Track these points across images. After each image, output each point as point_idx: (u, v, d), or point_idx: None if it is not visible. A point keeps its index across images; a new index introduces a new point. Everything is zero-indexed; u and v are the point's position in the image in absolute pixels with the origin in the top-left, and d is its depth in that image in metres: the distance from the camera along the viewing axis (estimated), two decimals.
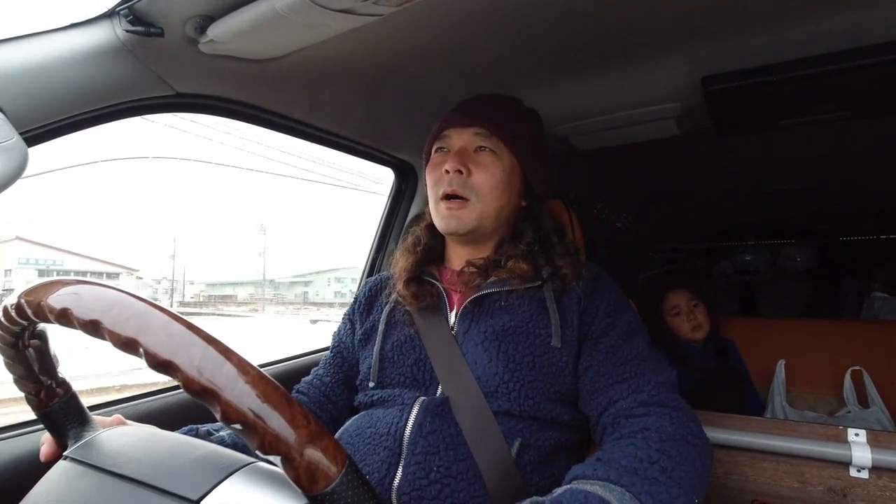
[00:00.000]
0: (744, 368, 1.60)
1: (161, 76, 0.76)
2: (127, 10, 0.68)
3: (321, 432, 0.33)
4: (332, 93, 1.01)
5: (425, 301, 0.80)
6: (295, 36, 0.75)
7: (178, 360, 0.33)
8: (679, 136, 1.32)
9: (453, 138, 0.83)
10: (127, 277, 15.64)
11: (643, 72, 1.06)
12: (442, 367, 0.74)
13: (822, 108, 1.14)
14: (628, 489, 0.53)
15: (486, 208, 0.80)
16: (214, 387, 0.32)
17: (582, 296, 0.76)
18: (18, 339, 0.44)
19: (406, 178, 1.39)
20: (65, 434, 0.50)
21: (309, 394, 0.88)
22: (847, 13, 0.84)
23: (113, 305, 0.35)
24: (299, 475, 0.32)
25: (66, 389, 0.50)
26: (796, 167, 1.88)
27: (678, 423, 0.64)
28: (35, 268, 14.69)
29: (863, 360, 1.52)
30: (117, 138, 16.44)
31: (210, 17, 0.72)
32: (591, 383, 0.72)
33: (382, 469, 0.67)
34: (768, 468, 0.90)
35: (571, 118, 1.29)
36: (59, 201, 42.86)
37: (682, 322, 1.59)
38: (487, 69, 1.03)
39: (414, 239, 0.89)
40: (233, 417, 0.32)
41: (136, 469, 0.39)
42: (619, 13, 0.84)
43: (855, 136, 1.52)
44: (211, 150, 11.95)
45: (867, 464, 0.82)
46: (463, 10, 0.81)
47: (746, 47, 0.94)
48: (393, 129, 1.21)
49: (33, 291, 0.39)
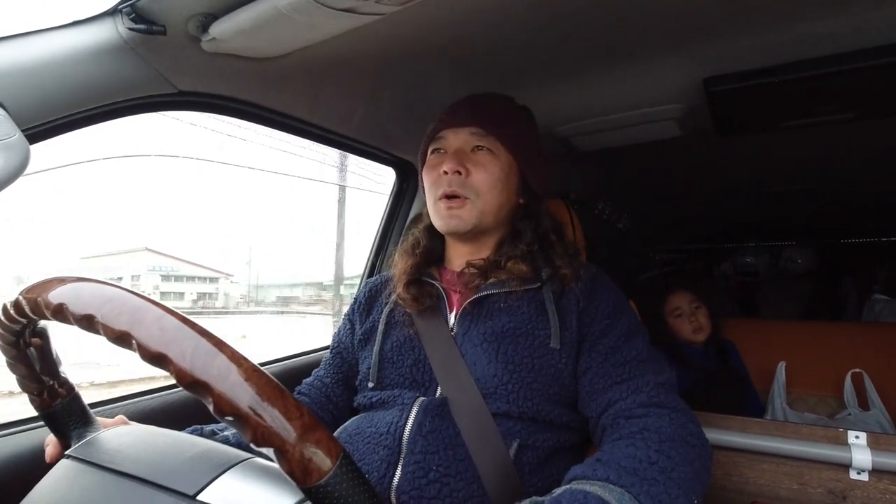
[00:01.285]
0: (744, 370, 1.60)
1: (163, 74, 0.76)
2: (129, 8, 0.68)
3: (315, 424, 0.33)
4: (334, 91, 1.01)
5: (425, 304, 0.80)
6: (297, 35, 0.75)
7: (170, 352, 0.33)
8: (680, 137, 1.31)
9: (449, 139, 0.83)
10: (224, 281, 17.91)
11: (645, 73, 1.05)
12: (441, 368, 0.74)
13: (825, 110, 1.14)
14: (628, 490, 0.53)
15: (486, 206, 0.80)
16: (206, 379, 0.32)
17: (581, 297, 0.76)
18: (19, 338, 0.44)
19: (407, 178, 1.39)
20: (68, 434, 0.50)
21: (310, 395, 0.88)
22: (850, 15, 0.83)
23: (107, 301, 0.35)
24: (293, 467, 0.32)
25: (68, 389, 0.50)
26: (797, 168, 1.88)
27: (677, 424, 0.64)
28: (159, 273, 17.14)
29: (863, 363, 1.52)
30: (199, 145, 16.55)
31: (212, 16, 0.72)
32: (591, 384, 0.72)
33: (382, 468, 0.67)
34: (768, 470, 0.90)
35: (572, 119, 1.28)
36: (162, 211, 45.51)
37: (683, 324, 1.59)
38: (488, 69, 1.03)
39: (413, 241, 0.89)
40: (225, 410, 0.32)
41: (135, 466, 0.40)
42: (621, 14, 0.84)
43: (856, 138, 1.51)
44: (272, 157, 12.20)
45: (867, 466, 0.82)
46: (465, 9, 0.81)
47: (749, 49, 0.94)
48: (394, 128, 1.21)
49: (32, 289, 0.39)
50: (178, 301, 15.56)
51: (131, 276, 16.36)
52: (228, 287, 17.58)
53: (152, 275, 16.18)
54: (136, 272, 16.40)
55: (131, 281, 16.27)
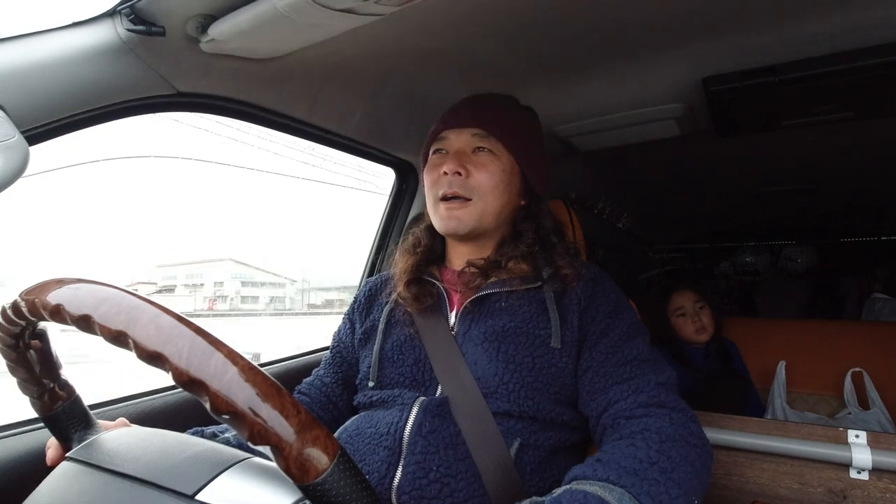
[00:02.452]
0: (745, 371, 1.60)
1: (162, 75, 0.76)
2: (128, 10, 0.68)
3: (312, 422, 0.33)
4: (333, 92, 1.01)
5: (426, 303, 0.80)
6: (296, 35, 0.75)
7: (166, 351, 0.33)
8: (680, 136, 1.32)
9: (451, 140, 0.83)
10: (290, 286, 19.79)
11: (644, 72, 1.05)
12: (441, 368, 0.74)
13: (824, 109, 1.14)
14: (628, 490, 0.53)
15: (486, 208, 0.80)
16: (202, 377, 0.32)
17: (582, 296, 0.76)
18: (19, 340, 0.44)
19: (406, 178, 1.39)
20: (69, 437, 0.50)
21: (310, 394, 0.88)
22: (848, 14, 0.83)
23: (104, 301, 0.35)
24: (290, 465, 0.32)
25: (69, 392, 0.50)
26: (797, 168, 1.88)
27: (678, 424, 0.64)
28: (239, 280, 19.11)
29: (863, 362, 1.52)
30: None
31: (211, 17, 0.72)
32: (591, 384, 0.72)
33: (382, 468, 0.67)
34: (768, 469, 0.90)
35: (572, 118, 1.28)
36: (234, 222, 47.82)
37: (686, 323, 1.58)
38: (488, 69, 1.03)
39: (414, 240, 0.89)
40: (222, 408, 0.32)
41: (135, 467, 0.40)
42: (621, 14, 0.84)
43: (855, 137, 1.52)
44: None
45: (867, 465, 0.82)
46: (464, 10, 0.81)
47: (748, 48, 0.94)
48: (393, 128, 1.21)
49: (30, 291, 0.39)
50: (254, 304, 17.17)
51: (213, 283, 18.55)
52: (292, 291, 19.74)
53: (234, 281, 18.13)
54: (220, 279, 18.39)
55: (213, 287, 18.82)
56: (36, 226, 46.81)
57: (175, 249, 48.16)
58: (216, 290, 19.50)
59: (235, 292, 17.20)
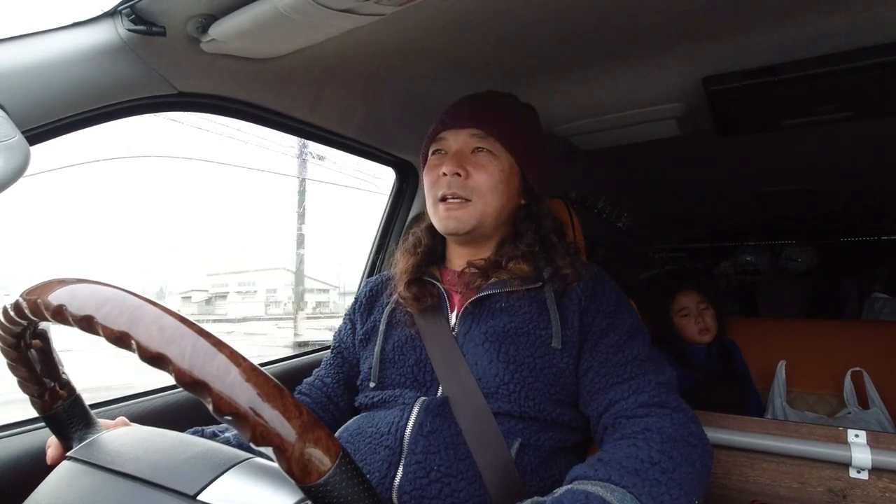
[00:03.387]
0: (746, 371, 1.60)
1: (163, 75, 0.76)
2: (129, 9, 0.68)
3: (314, 423, 0.33)
4: (334, 92, 1.01)
5: (427, 303, 0.79)
6: (296, 35, 0.75)
7: (169, 352, 0.33)
8: (680, 136, 1.31)
9: (450, 140, 0.83)
10: (333, 291, 21.57)
11: (644, 72, 1.05)
12: (442, 368, 0.74)
13: (824, 109, 1.14)
14: (629, 490, 0.53)
15: (486, 208, 0.79)
16: (205, 378, 0.32)
17: (582, 296, 0.76)
18: (20, 339, 0.44)
19: (407, 178, 1.39)
20: (69, 436, 0.50)
21: (311, 395, 0.88)
22: (848, 14, 0.83)
23: (106, 301, 0.35)
24: (292, 466, 0.32)
25: (69, 391, 0.50)
26: (797, 167, 1.88)
27: (679, 424, 0.64)
28: (290, 287, 20.57)
29: (863, 361, 1.52)
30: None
31: (212, 17, 0.72)
32: (592, 384, 0.72)
33: (383, 468, 0.67)
34: (768, 469, 0.90)
35: (572, 118, 1.28)
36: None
37: (689, 324, 1.58)
38: (488, 69, 1.03)
39: (414, 240, 0.89)
40: (224, 409, 0.32)
41: (136, 467, 0.40)
42: (621, 13, 0.84)
43: (855, 137, 1.52)
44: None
45: (867, 465, 0.82)
46: (464, 10, 0.81)
47: (748, 48, 0.94)
48: (394, 128, 1.21)
49: (32, 291, 0.39)
50: (304, 309, 18.95)
51: (266, 290, 20.99)
52: (335, 295, 21.47)
53: (287, 288, 20.10)
54: (273, 286, 20.80)
55: (266, 294, 21.37)
56: (94, 231, 46.57)
57: (227, 258, 48.73)
58: (268, 297, 21.69)
59: (287, 297, 18.84)
